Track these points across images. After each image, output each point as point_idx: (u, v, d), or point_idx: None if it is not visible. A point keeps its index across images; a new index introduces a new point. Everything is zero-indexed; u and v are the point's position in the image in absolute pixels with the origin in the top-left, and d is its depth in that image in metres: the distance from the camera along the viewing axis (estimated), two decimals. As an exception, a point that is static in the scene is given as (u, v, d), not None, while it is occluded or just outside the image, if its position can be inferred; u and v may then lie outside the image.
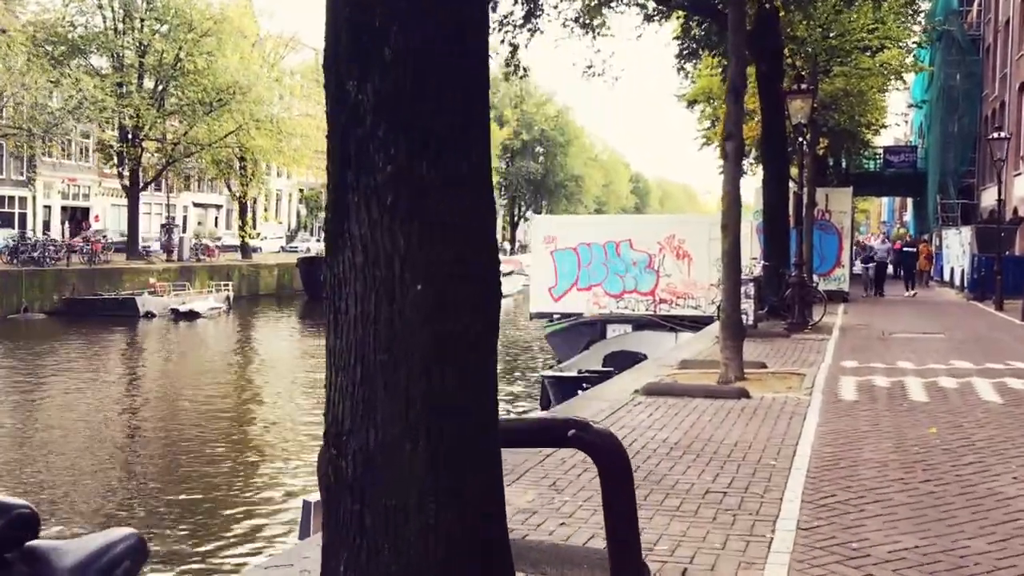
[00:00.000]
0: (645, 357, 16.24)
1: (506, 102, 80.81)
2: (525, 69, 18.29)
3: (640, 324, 23.40)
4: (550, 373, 17.53)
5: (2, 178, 51.53)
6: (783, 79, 20.21)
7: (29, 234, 43.85)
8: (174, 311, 37.27)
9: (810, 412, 8.67)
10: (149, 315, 36.60)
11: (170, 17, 42.40)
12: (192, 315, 37.35)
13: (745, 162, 34.92)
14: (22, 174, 52.84)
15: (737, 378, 9.88)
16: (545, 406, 16.41)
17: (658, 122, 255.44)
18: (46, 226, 54.00)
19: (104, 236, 48.47)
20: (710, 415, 8.34)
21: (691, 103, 36.31)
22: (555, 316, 25.40)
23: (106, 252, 42.06)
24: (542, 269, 25.78)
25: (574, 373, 16.88)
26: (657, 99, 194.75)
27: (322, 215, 77.59)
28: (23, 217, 53.01)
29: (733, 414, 8.42)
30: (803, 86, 18.61)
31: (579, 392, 15.60)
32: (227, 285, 43.46)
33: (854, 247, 37.18)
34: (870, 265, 31.72)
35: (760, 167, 24.15)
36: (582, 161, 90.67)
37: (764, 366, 11.33)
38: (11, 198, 52.54)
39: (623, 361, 16.71)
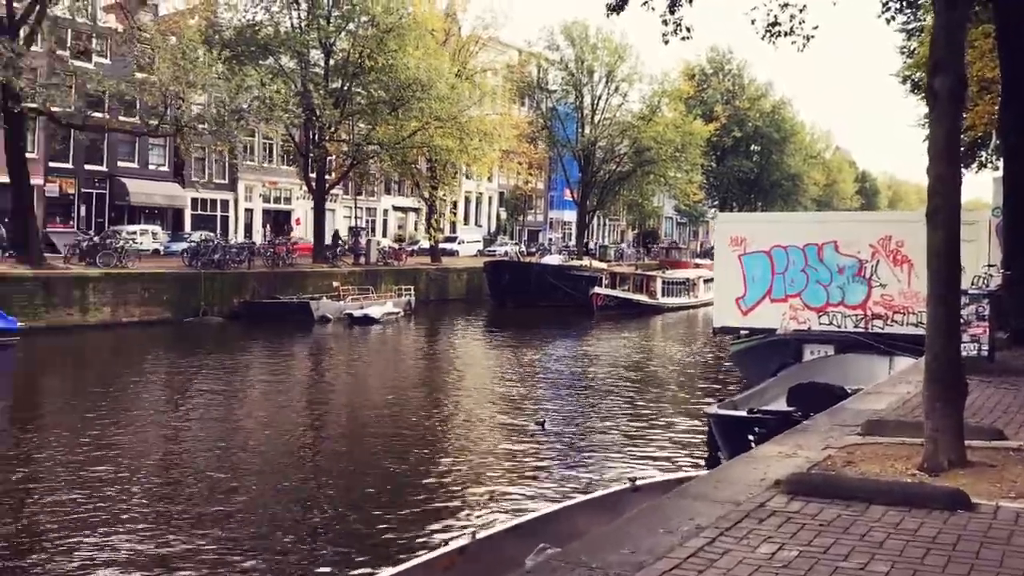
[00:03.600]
0: (845, 392, 12.30)
1: (716, 97, 76.05)
2: (688, 29, 14.70)
3: (845, 345, 19.10)
4: (717, 410, 13.79)
5: (205, 181, 52.55)
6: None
7: (211, 236, 43.95)
8: (349, 316, 35.94)
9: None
10: (323, 320, 35.48)
11: (356, 15, 41.32)
12: (367, 320, 35.88)
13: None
14: (225, 177, 53.81)
15: (952, 462, 6.08)
16: (714, 460, 12.85)
17: (877, 105, 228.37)
18: (247, 229, 54.80)
19: (299, 240, 48.31)
20: (894, 554, 4.72)
21: (915, 86, 30.28)
22: (742, 332, 21.46)
23: (291, 255, 41.42)
24: (728, 276, 21.81)
25: (744, 413, 13.13)
26: (876, 74, 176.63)
27: (522, 218, 75.97)
28: (224, 220, 53.97)
29: (940, 552, 4.75)
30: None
31: (750, 437, 12.04)
32: (409, 290, 41.98)
33: None
34: None
35: (1000, 161, 19.11)
36: (800, 159, 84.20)
37: (1001, 435, 7.26)
38: (214, 201, 53.59)
39: (815, 398, 12.72)
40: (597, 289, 45.56)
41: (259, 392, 22.04)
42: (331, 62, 42.26)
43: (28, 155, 37.10)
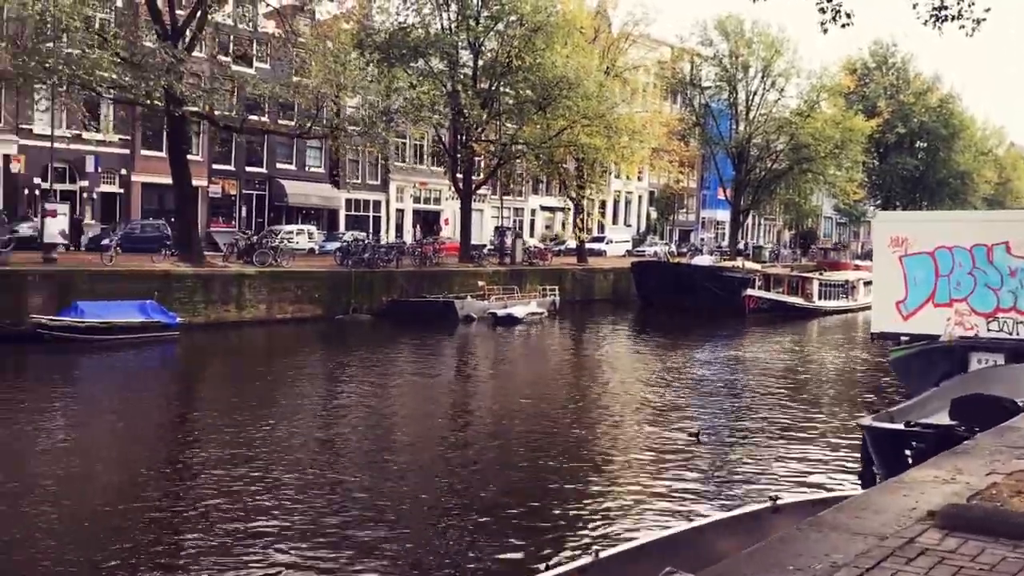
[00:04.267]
0: (1017, 408, 11.15)
1: (879, 92, 72.58)
2: (848, 15, 13.69)
3: (1017, 354, 17.59)
4: (871, 422, 12.78)
5: (358, 183, 53.81)
6: None
7: (361, 236, 44.87)
8: (492, 315, 35.94)
9: None
10: (468, 319, 35.59)
11: (504, 15, 41.33)
12: (511, 320, 35.80)
13: None
14: (377, 179, 54.95)
15: None
16: (867, 475, 11.90)
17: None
18: (398, 229, 55.81)
19: (446, 240, 48.81)
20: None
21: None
22: (903, 338, 20.08)
23: (438, 255, 41.83)
24: (888, 278, 20.42)
25: (900, 426, 12.10)
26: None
27: (673, 218, 74.59)
28: (376, 220, 55.11)
29: None
30: None
31: (907, 453, 11.08)
32: (554, 290, 41.70)
33: None
34: None
35: None
36: (970, 156, 79.32)
37: None
38: (367, 202, 54.81)
39: (981, 412, 11.58)
40: (749, 291, 44.08)
41: (405, 389, 22.22)
42: (479, 62, 42.43)
43: (193, 158, 38.86)
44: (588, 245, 52.66)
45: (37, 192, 37.87)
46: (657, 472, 14.19)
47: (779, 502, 8.96)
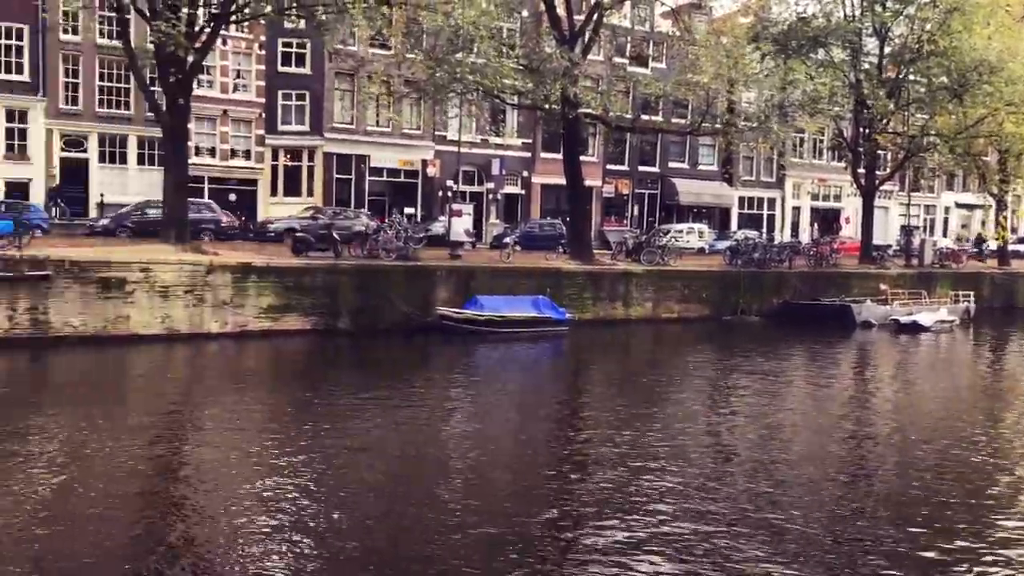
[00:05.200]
0: None
1: None
2: None
3: None
4: None
5: (752, 180, 52.53)
6: None
7: (753, 235, 43.53)
8: (895, 322, 33.25)
9: None
10: (866, 325, 33.26)
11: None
12: (916, 327, 32.90)
13: None
14: (772, 175, 53.29)
15: None
16: None
17: None
18: (794, 227, 53.73)
19: (846, 239, 46.23)
20: None
21: None
22: None
23: (835, 255, 39.55)
24: None
25: None
26: None
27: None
28: (771, 219, 53.45)
29: None
30: None
31: None
32: (968, 295, 37.71)
33: None
34: None
35: None
36: None
37: None
38: (761, 199, 53.38)
39: None
40: None
41: (796, 398, 21.01)
42: (886, 49, 39.45)
43: (589, 159, 40.05)
44: (1012, 247, 47.15)
45: (449, 193, 41.05)
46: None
47: None
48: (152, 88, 28.35)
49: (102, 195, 35.59)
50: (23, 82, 34.77)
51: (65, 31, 34.92)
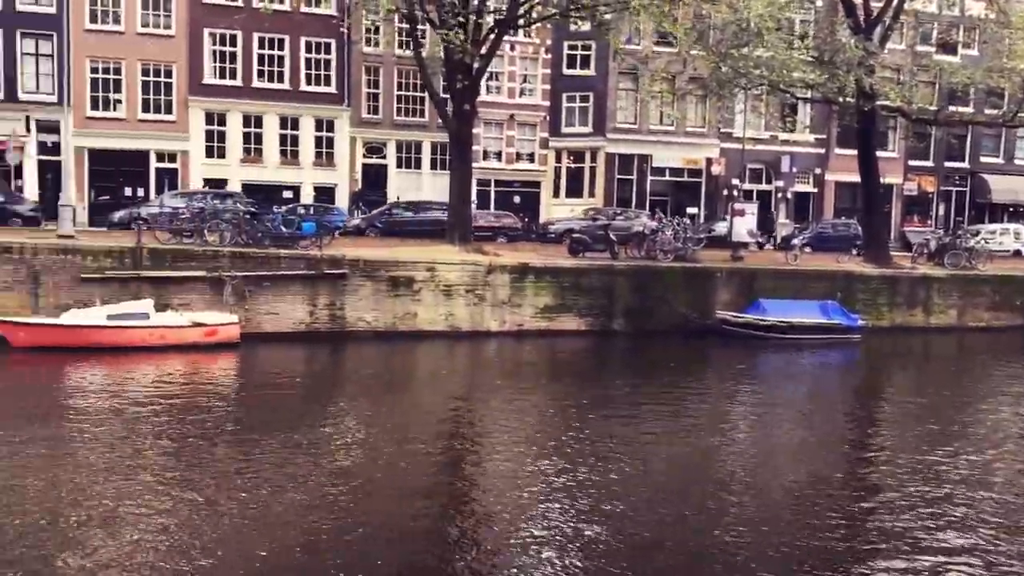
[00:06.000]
0: None
1: None
2: None
3: None
4: None
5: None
6: None
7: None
8: None
9: None
10: None
11: None
12: None
13: None
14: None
15: None
16: None
17: None
18: None
19: None
20: None
21: None
22: None
23: None
24: None
25: None
26: None
27: None
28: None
29: None
30: None
31: None
32: None
33: None
34: None
35: None
36: None
37: None
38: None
39: None
40: None
41: None
42: None
43: (889, 154, 37.32)
44: None
45: (734, 192, 39.75)
46: None
47: None
48: (442, 96, 29.49)
49: (398, 198, 37.64)
50: (330, 93, 37.39)
51: (367, 43, 37.19)
